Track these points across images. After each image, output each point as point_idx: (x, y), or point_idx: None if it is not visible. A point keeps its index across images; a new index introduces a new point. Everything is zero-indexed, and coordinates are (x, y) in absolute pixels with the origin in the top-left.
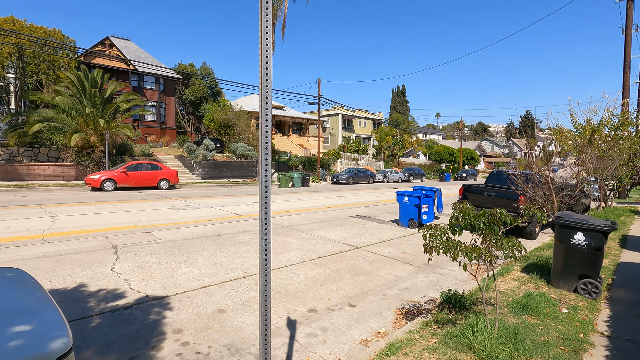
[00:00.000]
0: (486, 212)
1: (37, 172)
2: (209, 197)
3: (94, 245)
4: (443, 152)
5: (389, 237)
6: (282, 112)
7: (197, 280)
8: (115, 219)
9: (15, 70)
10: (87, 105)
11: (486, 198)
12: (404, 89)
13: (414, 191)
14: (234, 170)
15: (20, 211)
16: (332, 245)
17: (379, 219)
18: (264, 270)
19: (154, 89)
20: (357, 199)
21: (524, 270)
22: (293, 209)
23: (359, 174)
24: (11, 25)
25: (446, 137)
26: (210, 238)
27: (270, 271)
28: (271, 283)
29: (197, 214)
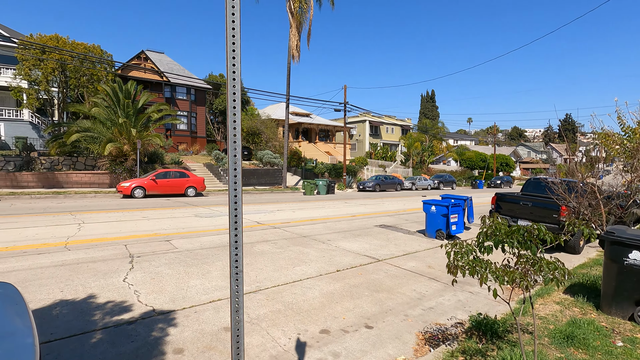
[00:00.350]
0: (521, 228)
1: (75, 179)
2: None
3: (112, 253)
4: (475, 159)
5: (414, 249)
6: (309, 120)
7: (208, 294)
8: (138, 226)
9: (58, 84)
10: (121, 116)
11: (522, 208)
12: (433, 94)
13: (441, 200)
14: (260, 178)
15: (52, 218)
16: (353, 257)
17: (405, 229)
18: (235, 298)
19: (186, 99)
20: (383, 207)
21: (567, 291)
22: (315, 218)
23: (386, 181)
24: (55, 43)
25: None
26: (227, 248)
27: (243, 300)
28: (280, 299)
29: (218, 222)
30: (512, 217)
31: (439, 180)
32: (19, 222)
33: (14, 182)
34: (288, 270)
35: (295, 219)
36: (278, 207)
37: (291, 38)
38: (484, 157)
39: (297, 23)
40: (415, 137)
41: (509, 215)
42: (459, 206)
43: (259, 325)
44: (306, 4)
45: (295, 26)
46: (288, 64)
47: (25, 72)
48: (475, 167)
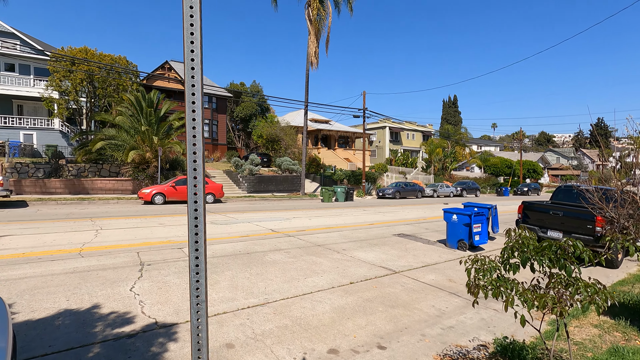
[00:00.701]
0: (553, 244)
1: (99, 186)
2: (249, 212)
3: (124, 261)
4: (500, 165)
5: (433, 261)
6: (328, 126)
7: (213, 306)
8: (153, 233)
9: (86, 94)
10: (143, 124)
11: (552, 218)
12: (456, 100)
13: (464, 208)
14: (279, 185)
15: (72, 224)
16: (368, 268)
17: (425, 238)
18: (197, 334)
19: (207, 107)
20: (402, 215)
21: (606, 312)
22: (331, 226)
23: (406, 188)
24: (84, 55)
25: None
26: (239, 256)
27: (206, 336)
28: (288, 313)
29: (233, 230)
30: (541, 228)
31: (461, 187)
32: (40, 228)
33: (43, 188)
34: (299, 282)
35: (311, 227)
36: (294, 215)
37: (310, 45)
38: (509, 163)
39: (315, 30)
40: (437, 143)
41: (537, 226)
42: (483, 215)
43: (263, 343)
44: (324, 11)
45: (314, 33)
46: (306, 70)
47: (56, 83)
48: (500, 173)
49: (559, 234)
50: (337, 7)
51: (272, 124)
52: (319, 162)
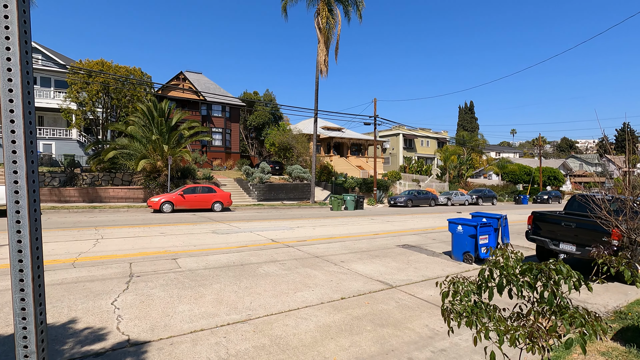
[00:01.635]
0: (533, 267)
1: (112, 194)
2: (254, 221)
3: (114, 272)
4: (519, 172)
5: (435, 275)
6: (340, 134)
7: (192, 322)
8: (152, 243)
9: (102, 105)
10: (155, 133)
11: (564, 230)
12: (472, 106)
13: (470, 219)
14: (289, 193)
15: (76, 232)
16: (363, 282)
17: (430, 249)
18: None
19: (221, 116)
20: (411, 225)
21: (617, 337)
22: (334, 236)
23: (419, 196)
24: (100, 67)
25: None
26: (232, 268)
27: None
28: (269, 332)
29: (233, 240)
30: (552, 240)
31: (477, 195)
32: (43, 237)
33: (58, 196)
34: (287, 297)
35: (313, 237)
36: (299, 224)
37: (319, 53)
38: (528, 170)
39: (325, 38)
40: (452, 150)
41: (548, 238)
42: (490, 226)
43: None
44: (333, 19)
45: (323, 42)
46: (316, 78)
47: (73, 94)
48: (519, 181)
49: (571, 247)
50: (347, 16)
51: (284, 132)
52: (330, 169)
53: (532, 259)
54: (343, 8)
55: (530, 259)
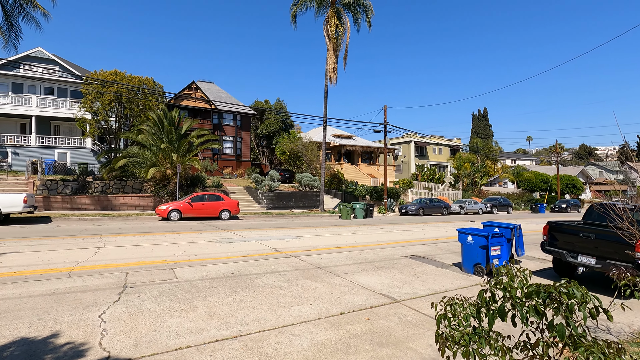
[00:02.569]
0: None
1: (122, 202)
2: (260, 229)
3: (108, 282)
4: (535, 180)
5: (443, 288)
6: (351, 142)
7: (178, 338)
8: (153, 251)
9: (115, 114)
10: (164, 142)
11: (583, 241)
12: (486, 112)
13: (481, 229)
14: (298, 201)
15: (80, 240)
16: (365, 296)
17: (439, 260)
18: None
19: (232, 125)
20: (421, 234)
21: None
22: (340, 245)
23: (431, 205)
24: (114, 77)
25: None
26: (230, 279)
27: None
28: (259, 350)
29: (235, 249)
30: (570, 252)
31: (491, 203)
32: (47, 245)
33: (70, 204)
34: (284, 311)
35: (318, 247)
36: (305, 232)
37: (328, 61)
38: (545, 177)
39: (333, 46)
40: (465, 158)
41: (566, 250)
42: (502, 237)
43: None
44: (342, 27)
45: (332, 49)
46: (325, 86)
47: (88, 104)
48: (536, 189)
49: (591, 260)
50: (357, 23)
51: (295, 140)
52: (340, 177)
53: (548, 272)
54: (352, 16)
55: (546, 272)
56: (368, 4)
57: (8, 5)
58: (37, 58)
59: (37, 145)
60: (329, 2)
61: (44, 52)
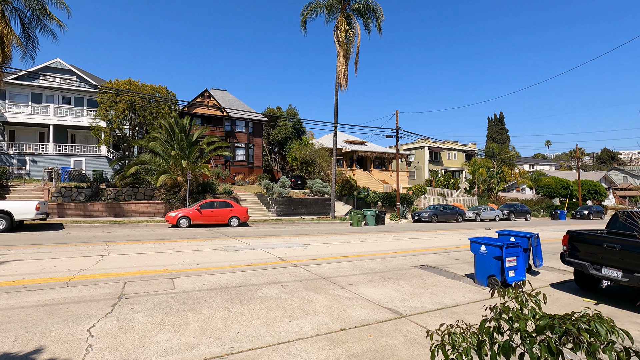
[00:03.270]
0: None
1: (134, 209)
2: (268, 237)
3: (105, 292)
4: (554, 185)
5: (453, 302)
6: (363, 147)
7: (166, 356)
8: (156, 260)
9: (129, 122)
10: (175, 149)
11: (607, 252)
12: (502, 117)
13: (495, 238)
14: (309, 207)
15: (86, 248)
16: (369, 309)
17: (451, 271)
18: None
19: (244, 131)
20: (433, 242)
21: None
22: (347, 254)
23: (445, 211)
24: (128, 86)
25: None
26: (229, 290)
27: None
28: None
29: (239, 257)
30: (592, 264)
31: (508, 210)
32: (52, 252)
33: (84, 211)
34: (280, 326)
35: (325, 255)
36: (313, 240)
37: (338, 66)
38: (565, 183)
39: (344, 52)
40: (481, 163)
41: (588, 261)
42: (518, 246)
43: None
44: (352, 32)
45: (342, 55)
46: (335, 92)
47: (102, 113)
48: (555, 195)
49: (617, 273)
50: (367, 29)
51: (306, 146)
52: (352, 184)
53: (569, 284)
54: (363, 21)
55: (567, 285)
56: (378, 9)
57: (26, 18)
58: (56, 69)
59: (54, 153)
60: (339, 8)
61: (62, 63)
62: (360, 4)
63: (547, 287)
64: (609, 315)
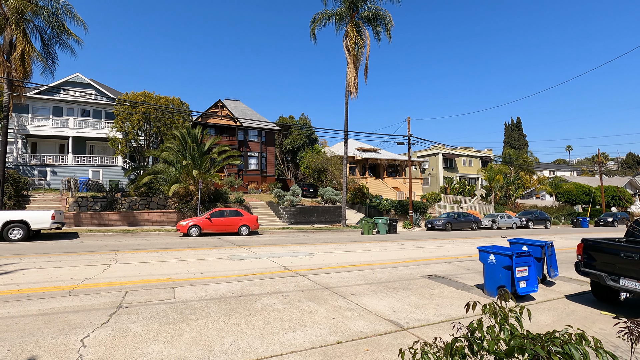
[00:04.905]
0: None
1: (147, 218)
2: (276, 245)
3: (105, 302)
4: (576, 191)
5: (459, 314)
6: (376, 155)
7: None
8: (161, 269)
9: (144, 133)
10: (187, 159)
11: (625, 262)
12: (519, 122)
13: (506, 247)
14: (320, 216)
15: (96, 257)
16: (369, 321)
17: (460, 281)
18: None
19: (257, 141)
20: (444, 251)
21: None
22: (354, 263)
23: (459, 219)
24: (143, 98)
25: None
26: (228, 300)
27: None
28: None
29: (243, 267)
30: (610, 275)
31: (527, 217)
32: (62, 261)
33: (99, 220)
34: (275, 338)
35: (331, 265)
36: (321, 249)
37: (348, 74)
38: (587, 189)
39: (353, 60)
40: (497, 169)
41: (605, 272)
42: (530, 256)
43: None
44: (362, 40)
45: (352, 63)
46: (345, 100)
47: (118, 124)
48: (577, 201)
49: (636, 284)
50: (377, 36)
51: (318, 154)
52: (364, 191)
53: (587, 296)
54: (372, 29)
55: (584, 297)
56: (387, 16)
57: (46, 35)
58: (76, 83)
59: (73, 164)
60: (349, 17)
61: (81, 77)
62: (369, 12)
63: (562, 299)
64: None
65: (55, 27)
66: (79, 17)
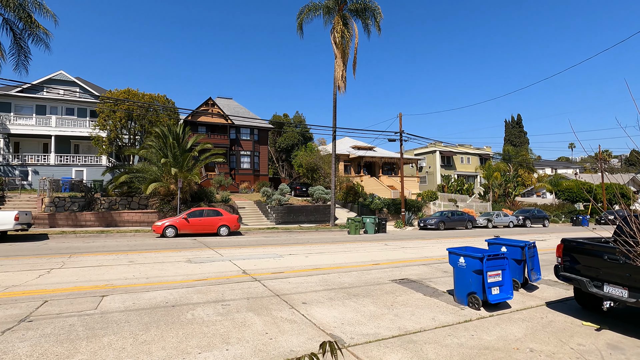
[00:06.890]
0: None
1: (127, 218)
2: (251, 247)
3: (10, 314)
4: (576, 189)
5: (418, 326)
6: (371, 153)
7: None
8: (105, 274)
9: (128, 131)
10: (168, 157)
11: (609, 266)
12: (520, 119)
13: (480, 248)
14: (309, 215)
15: (45, 260)
16: (307, 337)
17: (432, 286)
18: None
19: (249, 139)
20: (427, 252)
21: None
22: (323, 266)
23: (453, 218)
24: (126, 95)
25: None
26: (157, 310)
27: None
28: None
29: (199, 271)
30: (593, 280)
31: (524, 215)
32: (3, 266)
33: (75, 221)
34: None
35: (296, 268)
36: (296, 250)
37: (336, 69)
38: (588, 187)
39: (341, 53)
40: (496, 167)
41: (588, 277)
42: (503, 258)
43: None
44: (349, 32)
45: (340, 56)
46: (334, 95)
47: (101, 122)
48: (578, 199)
49: (621, 291)
50: (367, 29)
51: (312, 153)
52: (357, 190)
53: (570, 302)
54: (362, 22)
55: (567, 304)
56: (377, 8)
57: (17, 29)
58: (60, 81)
59: (55, 164)
60: (336, 9)
61: (65, 75)
62: (357, 4)
63: (542, 307)
64: (612, 344)
65: (23, 18)
66: (47, 9)
